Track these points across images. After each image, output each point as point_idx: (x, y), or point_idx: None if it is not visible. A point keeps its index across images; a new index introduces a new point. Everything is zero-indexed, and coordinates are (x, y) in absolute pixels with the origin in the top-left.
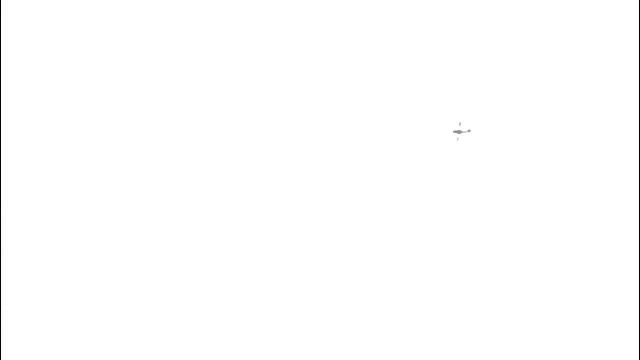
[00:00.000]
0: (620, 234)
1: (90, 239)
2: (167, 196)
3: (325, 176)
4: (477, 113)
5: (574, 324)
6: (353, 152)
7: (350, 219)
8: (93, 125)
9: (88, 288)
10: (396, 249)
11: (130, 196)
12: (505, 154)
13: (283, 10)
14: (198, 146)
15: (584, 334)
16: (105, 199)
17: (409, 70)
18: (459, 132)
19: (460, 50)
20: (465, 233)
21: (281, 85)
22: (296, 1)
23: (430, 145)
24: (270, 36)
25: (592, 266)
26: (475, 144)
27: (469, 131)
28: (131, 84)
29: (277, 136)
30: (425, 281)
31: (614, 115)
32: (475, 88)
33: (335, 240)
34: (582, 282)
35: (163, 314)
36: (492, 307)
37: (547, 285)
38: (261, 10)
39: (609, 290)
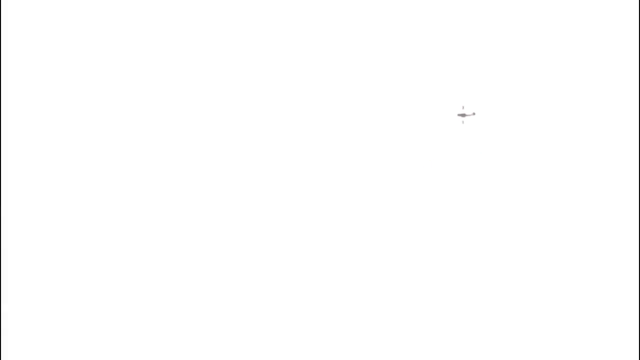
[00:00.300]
0: (629, 218)
1: (90, 238)
2: (166, 196)
3: (324, 161)
4: (479, 95)
5: (574, 317)
6: (355, 138)
7: (352, 205)
8: (92, 125)
9: (88, 288)
10: (400, 235)
11: (130, 196)
12: (513, 136)
13: None
14: (197, 146)
15: (583, 330)
16: (104, 198)
17: (409, 54)
18: (463, 114)
19: (460, 33)
20: (472, 220)
21: (279, 65)
22: None
23: (435, 129)
24: (264, 16)
25: (601, 256)
26: (482, 127)
27: (474, 114)
28: (131, 84)
29: (275, 118)
30: (428, 268)
31: (622, 96)
32: (476, 71)
33: (336, 223)
34: (591, 273)
35: (163, 314)
36: (496, 298)
37: (556, 275)
38: None
39: (614, 279)
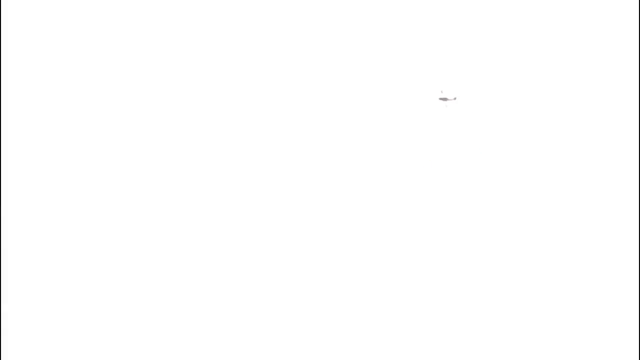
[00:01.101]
0: (620, 207)
1: (90, 239)
2: (166, 197)
3: (302, 148)
4: (457, 79)
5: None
6: (333, 127)
7: (331, 192)
8: (92, 126)
9: (88, 288)
10: (380, 222)
11: (130, 196)
12: (498, 121)
13: None
14: (194, 146)
15: (582, 328)
16: (104, 199)
17: (386, 38)
18: (444, 99)
19: (436, 14)
20: (457, 208)
21: (255, 49)
22: None
23: (417, 114)
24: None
25: (589, 248)
26: (466, 111)
27: (455, 99)
28: (130, 83)
29: (251, 101)
30: (410, 255)
31: (612, 77)
32: (453, 54)
33: (315, 208)
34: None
35: (163, 315)
36: (478, 287)
37: (537, 261)
38: None
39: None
